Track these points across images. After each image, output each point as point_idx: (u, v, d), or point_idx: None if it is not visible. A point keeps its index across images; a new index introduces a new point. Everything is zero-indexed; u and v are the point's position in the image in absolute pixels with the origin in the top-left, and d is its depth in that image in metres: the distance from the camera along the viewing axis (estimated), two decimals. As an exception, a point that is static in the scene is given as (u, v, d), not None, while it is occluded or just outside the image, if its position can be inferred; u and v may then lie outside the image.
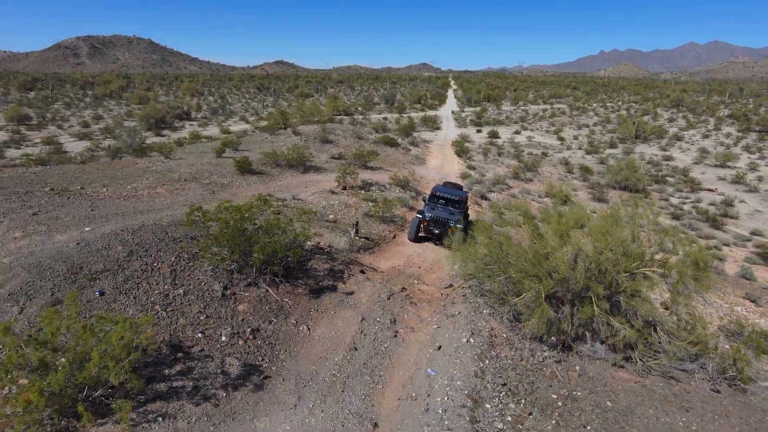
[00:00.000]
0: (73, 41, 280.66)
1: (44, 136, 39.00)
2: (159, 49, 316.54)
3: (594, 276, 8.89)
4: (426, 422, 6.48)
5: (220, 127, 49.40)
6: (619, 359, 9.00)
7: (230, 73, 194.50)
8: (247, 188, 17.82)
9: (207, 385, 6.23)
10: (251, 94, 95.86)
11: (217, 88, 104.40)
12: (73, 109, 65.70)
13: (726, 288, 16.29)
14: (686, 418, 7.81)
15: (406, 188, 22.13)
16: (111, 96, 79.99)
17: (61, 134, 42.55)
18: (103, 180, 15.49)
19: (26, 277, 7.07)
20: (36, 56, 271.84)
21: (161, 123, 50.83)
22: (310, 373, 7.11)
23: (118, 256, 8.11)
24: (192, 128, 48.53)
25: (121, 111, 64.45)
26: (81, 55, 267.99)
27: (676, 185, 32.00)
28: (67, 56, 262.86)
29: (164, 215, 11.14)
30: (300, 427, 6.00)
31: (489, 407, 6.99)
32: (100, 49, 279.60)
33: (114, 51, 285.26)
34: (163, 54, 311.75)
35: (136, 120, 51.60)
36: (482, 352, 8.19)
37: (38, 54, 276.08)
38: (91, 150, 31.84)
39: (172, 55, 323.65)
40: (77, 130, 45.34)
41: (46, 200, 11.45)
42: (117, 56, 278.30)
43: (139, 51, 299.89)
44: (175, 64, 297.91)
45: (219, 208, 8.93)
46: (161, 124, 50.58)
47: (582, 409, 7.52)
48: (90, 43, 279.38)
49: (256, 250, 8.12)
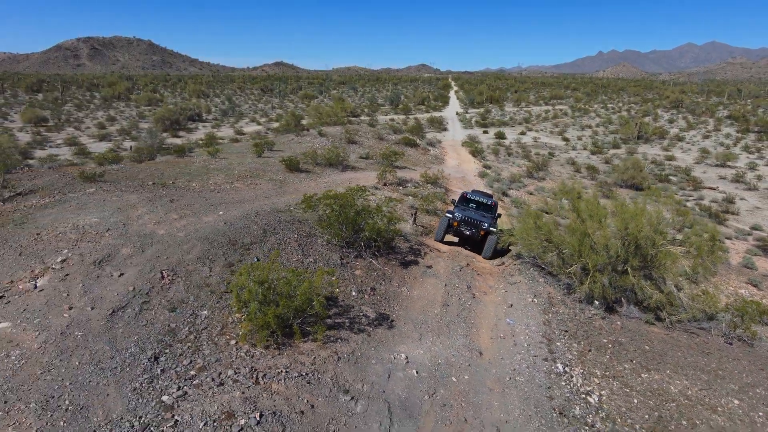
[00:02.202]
0: (73, 43, 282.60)
1: (65, 137, 40.60)
2: (159, 51, 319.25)
3: (631, 251, 11.26)
4: (516, 351, 8.81)
5: (234, 129, 51.00)
6: (651, 318, 11.35)
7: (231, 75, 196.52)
8: (300, 184, 20.05)
9: (357, 323, 8.53)
10: (256, 95, 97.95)
11: (222, 89, 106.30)
12: (84, 111, 67.09)
13: (730, 275, 18.75)
14: (706, 359, 10.15)
15: (436, 185, 24.46)
16: (119, 98, 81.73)
17: (80, 135, 44.07)
18: (179, 176, 17.70)
19: (203, 247, 9.35)
20: (36, 58, 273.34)
21: (175, 124, 52.48)
22: (420, 320, 9.41)
23: (257, 233, 10.41)
24: (205, 130, 50.08)
25: (132, 113, 66.04)
26: (81, 57, 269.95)
27: (678, 184, 34.31)
28: (67, 57, 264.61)
29: (262, 204, 13.43)
30: (429, 352, 8.31)
31: (559, 344, 9.32)
32: (100, 50, 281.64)
33: (114, 52, 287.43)
34: (163, 55, 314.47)
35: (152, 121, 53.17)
36: (545, 309, 10.53)
37: (38, 55, 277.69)
38: (114, 150, 33.77)
39: (172, 56, 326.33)
40: (94, 132, 46.99)
41: (165, 191, 13.72)
42: (117, 57, 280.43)
43: (139, 52, 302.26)
44: (175, 66, 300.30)
45: (326, 196, 11.24)
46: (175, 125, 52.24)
47: (627, 350, 9.86)
48: (90, 45, 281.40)
49: (366, 229, 10.43)
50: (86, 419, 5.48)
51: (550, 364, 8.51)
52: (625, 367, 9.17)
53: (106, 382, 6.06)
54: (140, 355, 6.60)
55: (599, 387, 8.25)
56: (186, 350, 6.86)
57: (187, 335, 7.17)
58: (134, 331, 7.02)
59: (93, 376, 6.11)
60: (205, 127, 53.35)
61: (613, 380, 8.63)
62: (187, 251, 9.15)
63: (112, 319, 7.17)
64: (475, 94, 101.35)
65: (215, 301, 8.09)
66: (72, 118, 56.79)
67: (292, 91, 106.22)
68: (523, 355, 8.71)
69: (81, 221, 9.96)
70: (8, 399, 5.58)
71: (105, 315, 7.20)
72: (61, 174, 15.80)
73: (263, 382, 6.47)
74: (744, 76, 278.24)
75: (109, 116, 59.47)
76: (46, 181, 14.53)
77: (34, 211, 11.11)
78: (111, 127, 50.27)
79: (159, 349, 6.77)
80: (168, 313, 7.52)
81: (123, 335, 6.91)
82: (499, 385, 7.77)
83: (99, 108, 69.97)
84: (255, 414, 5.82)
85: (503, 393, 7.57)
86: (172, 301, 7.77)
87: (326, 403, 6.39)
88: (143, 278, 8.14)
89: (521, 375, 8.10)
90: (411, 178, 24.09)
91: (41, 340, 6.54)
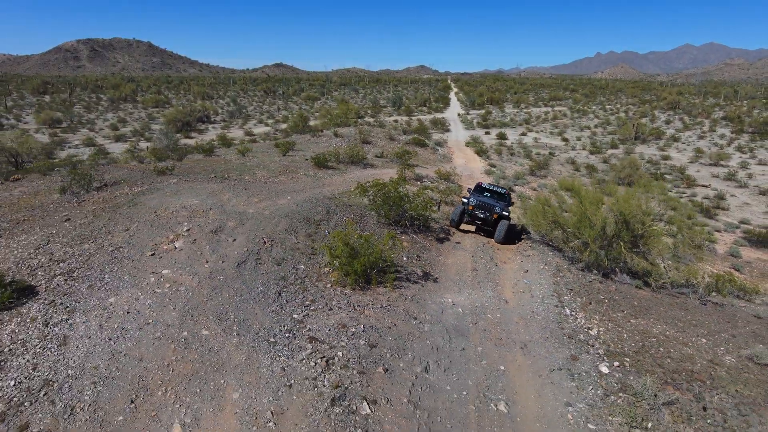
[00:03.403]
0: (73, 44, 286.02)
1: (82, 138, 42.91)
2: (159, 52, 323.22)
3: (622, 227, 14.06)
4: (533, 301, 11.59)
5: (243, 130, 53.43)
6: (640, 283, 14.15)
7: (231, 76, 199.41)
8: (331, 178, 22.75)
9: (411, 278, 11.29)
10: (259, 97, 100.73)
11: (225, 91, 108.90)
12: (94, 112, 69.34)
13: (716, 261, 21.65)
14: (683, 313, 12.92)
15: (448, 180, 27.26)
16: (125, 100, 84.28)
17: (95, 136, 46.37)
18: (228, 171, 20.39)
19: (287, 222, 12.10)
20: (36, 59, 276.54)
21: (186, 126, 54.83)
22: (456, 279, 12.18)
23: (322, 213, 13.18)
24: (216, 131, 52.48)
25: (141, 115, 68.44)
26: (81, 58, 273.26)
27: (673, 182, 37.24)
28: (67, 59, 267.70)
29: (313, 192, 16.19)
30: (467, 299, 11.07)
31: (566, 298, 12.08)
32: (100, 52, 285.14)
33: (114, 54, 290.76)
34: (163, 57, 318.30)
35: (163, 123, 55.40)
36: (554, 274, 13.31)
37: (39, 57, 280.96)
38: (131, 151, 36.24)
39: (171, 57, 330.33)
40: (108, 133, 49.32)
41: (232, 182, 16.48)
42: (117, 59, 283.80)
43: (139, 54, 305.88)
44: (175, 67, 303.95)
45: (375, 184, 14.01)
46: (186, 126, 54.58)
47: (619, 304, 12.64)
48: (90, 46, 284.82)
49: (410, 209, 13.21)
50: (249, 326, 8.20)
51: (560, 309, 11.28)
52: (618, 315, 11.95)
53: (252, 306, 8.79)
54: (267, 291, 9.34)
55: (598, 325, 11.03)
56: (297, 290, 9.61)
57: (294, 280, 9.91)
58: (257, 277, 9.75)
59: (241, 303, 8.84)
60: (215, 129, 55.82)
61: (609, 322, 11.41)
62: (276, 224, 11.89)
63: (239, 269, 9.90)
64: (476, 96, 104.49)
65: (306, 259, 10.84)
66: (84, 119, 59.06)
67: (295, 92, 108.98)
68: (539, 303, 11.48)
69: (186, 203, 12.68)
70: (194, 314, 8.30)
71: (233, 266, 9.93)
72: (129, 169, 18.51)
73: (358, 309, 9.22)
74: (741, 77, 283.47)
75: (119, 118, 61.69)
76: (122, 175, 17.22)
77: (135, 197, 13.82)
78: (123, 128, 52.61)
79: (278, 288, 9.51)
80: (275, 266, 10.26)
81: (250, 279, 9.65)
82: (523, 320, 10.55)
83: (107, 110, 72.36)
84: (360, 326, 8.56)
85: (526, 324, 10.34)
86: (276, 258, 10.51)
87: (403, 323, 9.14)
88: (251, 243, 10.88)
89: (538, 315, 10.88)
90: (427, 175, 26.89)
91: (196, 282, 9.26)
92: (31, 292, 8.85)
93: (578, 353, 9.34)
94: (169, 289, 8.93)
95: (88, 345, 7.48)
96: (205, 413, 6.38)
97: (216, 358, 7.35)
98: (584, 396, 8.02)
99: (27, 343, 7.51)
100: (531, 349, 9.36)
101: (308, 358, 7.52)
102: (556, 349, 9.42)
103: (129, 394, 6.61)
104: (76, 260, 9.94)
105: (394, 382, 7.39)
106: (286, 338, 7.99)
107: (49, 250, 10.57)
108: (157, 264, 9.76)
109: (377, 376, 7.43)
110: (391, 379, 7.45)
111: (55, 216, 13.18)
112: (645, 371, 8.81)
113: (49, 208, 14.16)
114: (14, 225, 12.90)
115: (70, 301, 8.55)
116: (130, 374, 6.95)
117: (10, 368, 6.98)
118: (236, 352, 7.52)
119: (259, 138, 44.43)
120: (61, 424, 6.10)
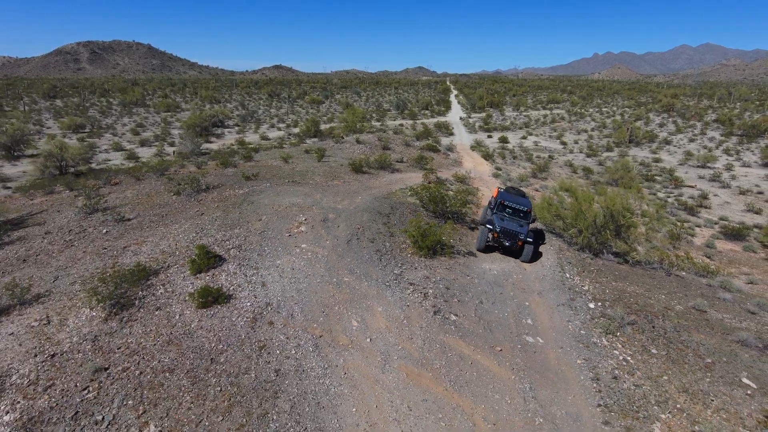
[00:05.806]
0: (73, 46, 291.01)
1: (109, 143, 46.50)
2: (158, 54, 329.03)
3: (609, 219, 19.58)
4: (543, 269, 17.07)
5: (258, 134, 57.41)
6: (621, 260, 19.65)
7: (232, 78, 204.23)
8: (369, 182, 28.07)
9: (459, 253, 16.73)
10: (265, 100, 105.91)
11: (230, 94, 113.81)
12: (110, 117, 73.34)
13: (692, 251, 27.17)
14: (651, 280, 18.42)
15: (464, 182, 32.70)
16: (136, 103, 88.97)
17: (120, 141, 50.53)
18: (292, 176, 25.69)
19: (367, 215, 17.50)
20: (37, 61, 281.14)
21: (204, 131, 59.05)
22: (489, 256, 17.61)
23: (388, 208, 18.60)
24: (232, 136, 56.48)
25: (156, 119, 72.70)
26: (81, 61, 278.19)
27: (662, 183, 42.60)
28: (67, 61, 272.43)
29: (370, 193, 21.57)
30: (499, 267, 16.52)
31: (566, 268, 17.55)
32: (100, 54, 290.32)
33: (114, 56, 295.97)
34: (163, 59, 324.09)
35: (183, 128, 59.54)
36: (557, 252, 18.79)
37: (39, 59, 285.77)
38: (158, 155, 40.67)
39: (171, 60, 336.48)
40: (131, 137, 53.17)
41: (310, 186, 21.89)
42: (117, 61, 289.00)
43: (139, 56, 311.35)
44: (175, 69, 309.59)
45: (423, 186, 19.42)
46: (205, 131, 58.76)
47: (604, 273, 18.15)
48: (90, 49, 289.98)
49: (450, 205, 18.66)
50: (370, 277, 13.59)
51: (563, 274, 16.77)
52: (603, 279, 17.46)
53: (366, 266, 14.17)
54: (372, 258, 14.73)
55: (588, 284, 16.51)
56: (389, 258, 15.02)
57: (385, 252, 15.32)
58: (361, 249, 15.15)
59: (360, 264, 14.22)
60: (231, 133, 60.15)
61: (596, 283, 16.91)
62: (361, 216, 17.31)
63: (348, 244, 15.29)
64: (476, 99, 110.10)
65: (388, 238, 16.26)
66: (103, 124, 63.08)
67: (299, 95, 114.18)
68: (548, 270, 16.98)
69: (292, 201, 18.05)
70: (334, 270, 13.68)
71: (344, 242, 15.33)
72: (215, 175, 23.81)
73: (432, 269, 14.66)
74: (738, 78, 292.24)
75: (137, 122, 65.68)
76: (214, 180, 22.51)
77: (246, 197, 19.15)
78: (143, 133, 56.69)
79: (378, 256, 14.92)
80: (370, 243, 15.67)
81: (357, 250, 15.04)
82: (537, 280, 16.03)
83: (122, 114, 76.71)
84: (437, 277, 14.00)
85: (540, 282, 15.83)
86: (369, 238, 15.92)
87: (462, 277, 14.58)
88: (349, 228, 16.28)
89: (548, 277, 16.37)
90: (446, 178, 32.35)
91: (326, 251, 14.62)
92: (220, 258, 14.16)
93: (574, 297, 14.84)
94: (311, 255, 14.33)
95: (279, 286, 12.84)
96: (367, 317, 11.78)
97: (360, 292, 12.76)
98: (579, 318, 13.50)
99: (240, 285, 12.84)
100: (544, 294, 14.85)
101: (412, 293, 12.95)
102: (560, 295, 14.91)
103: (320, 309, 11.99)
104: (237, 239, 15.28)
105: (464, 306, 12.84)
106: (395, 283, 13.42)
107: (209, 234, 15.88)
108: (295, 241, 15.15)
109: (455, 302, 12.88)
110: (462, 305, 12.90)
111: (189, 211, 18.47)
112: (618, 307, 14.29)
113: (175, 206, 19.41)
114: (161, 218, 18.15)
115: (251, 263, 13.89)
116: (314, 300, 12.33)
117: (241, 297, 12.31)
118: (369, 290, 12.93)
119: (276, 142, 48.84)
120: (289, 321, 11.44)
